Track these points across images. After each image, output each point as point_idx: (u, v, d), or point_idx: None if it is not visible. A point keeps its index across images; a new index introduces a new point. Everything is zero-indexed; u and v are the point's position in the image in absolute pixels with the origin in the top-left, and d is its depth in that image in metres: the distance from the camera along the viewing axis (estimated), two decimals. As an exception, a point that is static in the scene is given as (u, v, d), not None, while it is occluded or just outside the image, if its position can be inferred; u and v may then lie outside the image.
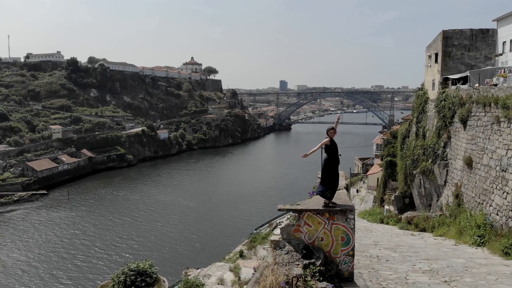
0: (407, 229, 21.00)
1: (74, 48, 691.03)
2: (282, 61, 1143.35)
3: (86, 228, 68.76)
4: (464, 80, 23.31)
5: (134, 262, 24.05)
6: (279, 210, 7.74)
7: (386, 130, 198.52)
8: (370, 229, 20.71)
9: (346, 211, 7.39)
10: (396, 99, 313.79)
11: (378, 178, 51.89)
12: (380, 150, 67.98)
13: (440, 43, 25.84)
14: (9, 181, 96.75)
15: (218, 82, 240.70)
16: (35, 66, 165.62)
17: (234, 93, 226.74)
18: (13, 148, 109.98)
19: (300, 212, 7.49)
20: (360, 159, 79.14)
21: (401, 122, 55.25)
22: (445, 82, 25.68)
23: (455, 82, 24.30)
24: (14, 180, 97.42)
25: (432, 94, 27.67)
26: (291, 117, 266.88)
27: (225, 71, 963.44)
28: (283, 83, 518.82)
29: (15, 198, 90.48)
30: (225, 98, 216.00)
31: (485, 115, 18.43)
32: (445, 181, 22.95)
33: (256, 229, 67.08)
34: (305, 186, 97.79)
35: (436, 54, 26.94)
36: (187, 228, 68.69)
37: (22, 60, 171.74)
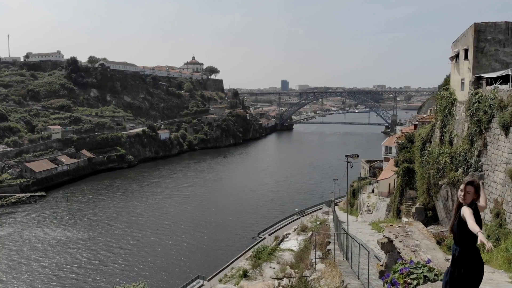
0: (438, 250, 18.37)
1: (75, 48, 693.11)
2: (284, 60, 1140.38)
3: (82, 235, 66.41)
4: (503, 79, 20.64)
5: (124, 285, 21.51)
6: None
7: (389, 130, 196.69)
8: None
9: None
10: (398, 99, 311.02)
11: (390, 184, 49.15)
12: (390, 153, 65.36)
13: (472, 38, 23.08)
14: (7, 182, 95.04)
15: (220, 82, 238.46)
16: (35, 65, 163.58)
17: (235, 93, 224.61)
18: (11, 148, 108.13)
19: None
20: (367, 161, 75.86)
21: (416, 124, 52.45)
22: (477, 81, 22.99)
23: (490, 81, 21.64)
24: (12, 182, 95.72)
25: (461, 95, 24.92)
26: (292, 117, 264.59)
27: (227, 71, 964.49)
28: (284, 83, 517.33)
29: (13, 200, 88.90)
30: (226, 98, 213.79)
31: (535, 120, 15.83)
32: (480, 195, 20.27)
33: (258, 234, 64.81)
34: (307, 189, 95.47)
35: (466, 50, 24.12)
36: (186, 234, 66.24)
37: (22, 59, 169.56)
